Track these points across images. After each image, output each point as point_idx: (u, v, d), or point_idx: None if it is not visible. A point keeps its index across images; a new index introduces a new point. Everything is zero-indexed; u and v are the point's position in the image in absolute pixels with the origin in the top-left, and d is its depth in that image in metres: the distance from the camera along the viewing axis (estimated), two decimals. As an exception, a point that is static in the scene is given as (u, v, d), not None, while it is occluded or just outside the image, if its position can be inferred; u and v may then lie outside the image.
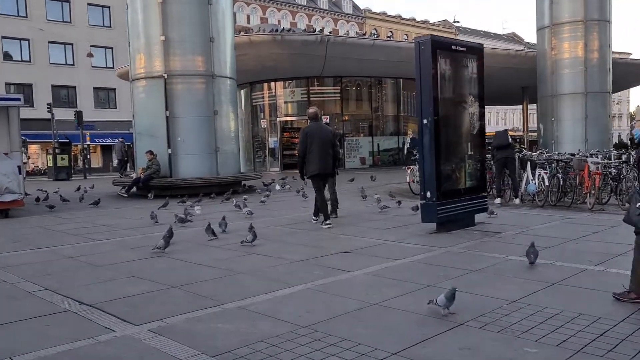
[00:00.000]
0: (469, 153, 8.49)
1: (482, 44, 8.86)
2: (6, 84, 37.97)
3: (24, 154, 30.87)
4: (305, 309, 4.37)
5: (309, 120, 9.43)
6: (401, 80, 28.36)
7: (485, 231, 8.02)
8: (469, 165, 8.47)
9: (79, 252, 7.06)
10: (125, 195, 14.20)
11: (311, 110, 9.53)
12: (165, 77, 14.63)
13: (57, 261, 6.57)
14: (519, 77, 29.61)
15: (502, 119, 76.61)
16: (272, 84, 27.28)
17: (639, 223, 4.19)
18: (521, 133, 39.12)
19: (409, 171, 15.33)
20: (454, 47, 8.20)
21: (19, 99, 12.13)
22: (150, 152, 14.41)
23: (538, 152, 14.28)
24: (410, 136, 25.89)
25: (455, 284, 4.47)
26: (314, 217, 9.25)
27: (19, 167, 11.88)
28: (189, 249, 7.11)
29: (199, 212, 10.49)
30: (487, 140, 10.23)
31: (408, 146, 25.81)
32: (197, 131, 14.92)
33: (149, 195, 14.23)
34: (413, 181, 15.20)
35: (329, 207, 9.23)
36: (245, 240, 7.25)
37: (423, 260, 6.17)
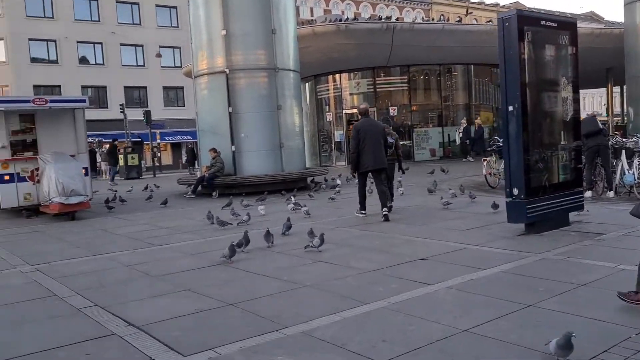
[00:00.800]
0: (562, 143, 7.46)
1: (575, 18, 7.75)
2: (82, 87, 39.44)
3: (97, 154, 32.10)
4: (380, 337, 3.66)
5: (359, 116, 9.55)
6: (472, 66, 26.86)
7: (584, 232, 6.99)
8: (561, 156, 7.43)
9: (137, 260, 6.69)
10: (193, 196, 13.96)
11: (362, 106, 9.77)
12: (227, 72, 14.28)
13: (113, 270, 6.20)
14: (602, 57, 27.30)
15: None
16: (337, 75, 26.55)
17: None
18: (605, 118, 36.32)
19: (485, 163, 14.20)
20: (543, 22, 7.17)
21: (84, 100, 12.15)
22: (214, 150, 14.12)
23: (633, 138, 12.79)
24: (464, 125, 24.33)
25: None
26: (363, 212, 9.25)
27: (85, 168, 11.88)
28: (249, 255, 6.57)
29: (263, 212, 9.98)
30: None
31: (461, 136, 24.42)
32: (261, 127, 14.48)
33: (213, 194, 13.95)
34: (490, 174, 14.11)
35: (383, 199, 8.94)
36: (310, 245, 6.61)
37: (515, 270, 5.30)
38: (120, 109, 32.40)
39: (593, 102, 71.39)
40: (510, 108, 6.95)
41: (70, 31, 39.26)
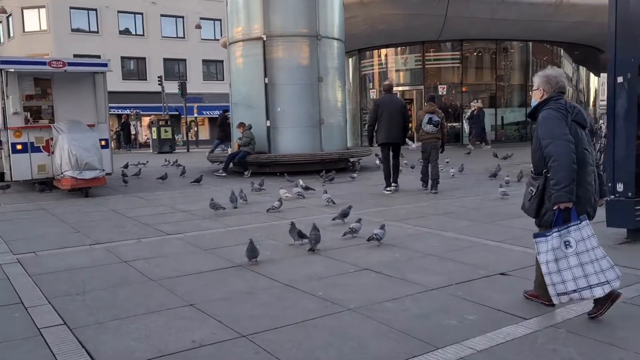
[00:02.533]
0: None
1: None
2: (122, 57, 38.79)
3: (132, 126, 31.35)
4: None
5: (384, 92, 10.13)
6: (530, 43, 24.67)
7: None
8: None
9: (139, 253, 5.44)
10: (224, 175, 12.71)
11: (386, 82, 10.44)
12: (264, 38, 12.87)
13: (105, 268, 4.96)
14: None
15: None
16: (383, 50, 24.84)
17: (530, 210, 3.67)
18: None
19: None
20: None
21: (105, 65, 10.95)
22: (242, 125, 12.81)
23: None
24: (472, 109, 21.96)
25: None
26: (391, 186, 9.51)
27: (105, 140, 10.77)
28: (276, 256, 5.23)
29: (285, 196, 8.55)
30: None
31: (467, 122, 22.07)
32: (299, 101, 13.07)
33: (245, 173, 12.69)
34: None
35: (429, 181, 9.45)
36: (351, 231, 5.30)
37: (636, 299, 3.78)
38: (159, 81, 31.48)
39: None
40: (620, 79, 5.36)
41: (111, 0, 38.52)
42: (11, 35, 38.56)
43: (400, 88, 24.89)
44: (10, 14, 37.46)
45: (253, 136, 12.69)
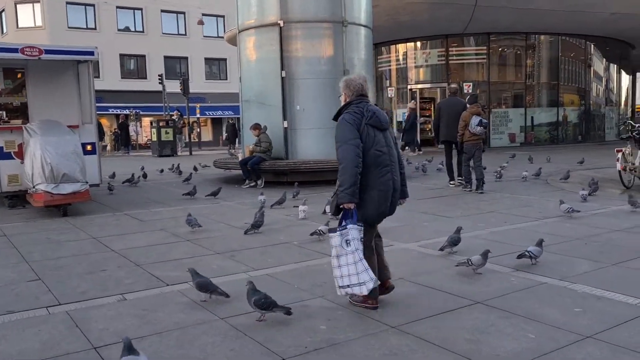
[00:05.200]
0: None
1: None
2: (121, 55, 36.92)
3: (131, 127, 29.41)
4: None
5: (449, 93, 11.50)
6: (560, 39, 22.73)
7: None
8: None
9: (119, 326, 3.50)
10: (253, 184, 10.77)
11: (453, 85, 12.26)
12: (281, 24, 10.95)
13: None
14: None
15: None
16: (402, 45, 22.90)
17: (331, 207, 3.86)
18: None
19: (619, 155, 10.47)
20: None
21: (91, 52, 8.98)
22: (256, 126, 10.87)
23: None
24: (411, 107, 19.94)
25: None
26: (454, 180, 10.34)
27: (91, 144, 8.85)
28: (339, 330, 3.30)
29: (304, 214, 6.89)
30: None
31: (404, 124, 19.80)
32: (322, 98, 11.10)
33: (258, 182, 10.77)
34: (624, 169, 10.39)
35: (474, 182, 9.60)
36: (468, 263, 3.55)
37: None
38: (159, 79, 29.54)
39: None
40: None
41: (109, -5, 36.64)
42: (4, 31, 36.63)
43: (420, 85, 23.00)
44: (3, 9, 35.62)
45: (270, 140, 10.76)
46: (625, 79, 27.64)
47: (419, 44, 22.75)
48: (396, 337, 3.25)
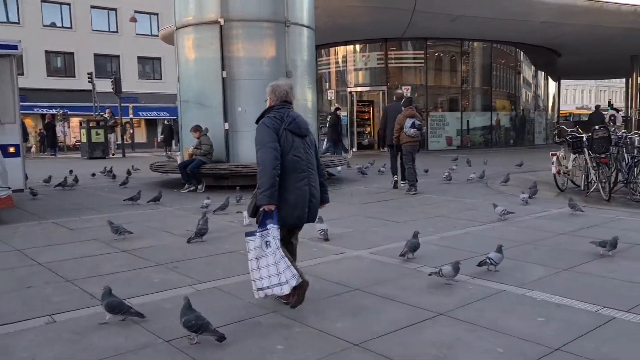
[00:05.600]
0: None
1: None
2: (46, 52, 34.99)
3: (58, 127, 27.84)
4: None
5: (395, 98, 11.51)
6: (492, 46, 23.43)
7: None
8: None
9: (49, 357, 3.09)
10: (193, 188, 10.28)
11: (399, 91, 12.82)
12: (222, 22, 10.55)
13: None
14: (631, 42, 24.25)
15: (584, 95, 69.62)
16: (342, 47, 22.91)
17: (249, 209, 3.88)
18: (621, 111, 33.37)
19: (554, 158, 10.81)
20: None
21: (15, 47, 8.27)
22: (196, 128, 10.43)
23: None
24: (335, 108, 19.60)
25: None
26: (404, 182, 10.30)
27: (14, 146, 8.16)
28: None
29: (248, 220, 6.59)
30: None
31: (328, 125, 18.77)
32: (264, 99, 10.76)
33: (199, 187, 10.32)
34: (559, 172, 10.74)
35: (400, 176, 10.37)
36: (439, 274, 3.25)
37: None
38: (89, 78, 28.11)
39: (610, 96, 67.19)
40: None
41: (34, -12, 34.63)
42: None
43: (359, 88, 23.11)
44: None
45: (212, 142, 10.35)
46: (552, 85, 28.93)
47: (358, 47, 22.83)
48: (361, 355, 3.04)
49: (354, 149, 21.79)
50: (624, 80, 43.74)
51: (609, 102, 37.62)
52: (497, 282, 4.32)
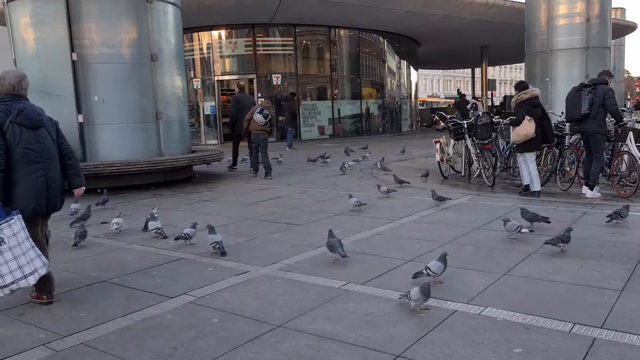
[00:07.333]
0: None
1: None
2: None
3: None
4: None
5: (238, 89, 12.85)
6: (358, 34, 23.45)
7: None
8: None
9: None
10: None
11: (242, 82, 14.22)
12: (68, -5, 8.83)
13: None
14: (481, 34, 25.87)
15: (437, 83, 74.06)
16: (207, 33, 21.41)
17: None
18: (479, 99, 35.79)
19: (437, 145, 10.70)
20: None
21: None
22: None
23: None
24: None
25: None
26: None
27: None
28: None
29: (117, 226, 5.56)
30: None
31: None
32: (125, 87, 9.28)
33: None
34: (442, 160, 10.65)
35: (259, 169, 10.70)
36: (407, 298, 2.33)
37: None
38: None
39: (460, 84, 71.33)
40: None
41: None
42: None
43: (227, 77, 21.82)
44: None
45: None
46: (414, 74, 29.96)
47: (224, 32, 21.48)
48: None
49: (220, 142, 20.52)
50: (469, 70, 47.23)
51: (458, 90, 40.15)
52: (443, 299, 3.62)
